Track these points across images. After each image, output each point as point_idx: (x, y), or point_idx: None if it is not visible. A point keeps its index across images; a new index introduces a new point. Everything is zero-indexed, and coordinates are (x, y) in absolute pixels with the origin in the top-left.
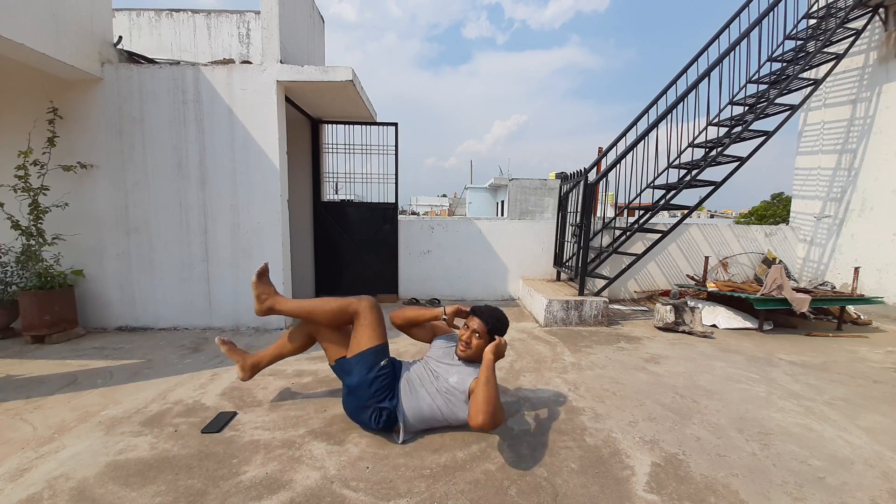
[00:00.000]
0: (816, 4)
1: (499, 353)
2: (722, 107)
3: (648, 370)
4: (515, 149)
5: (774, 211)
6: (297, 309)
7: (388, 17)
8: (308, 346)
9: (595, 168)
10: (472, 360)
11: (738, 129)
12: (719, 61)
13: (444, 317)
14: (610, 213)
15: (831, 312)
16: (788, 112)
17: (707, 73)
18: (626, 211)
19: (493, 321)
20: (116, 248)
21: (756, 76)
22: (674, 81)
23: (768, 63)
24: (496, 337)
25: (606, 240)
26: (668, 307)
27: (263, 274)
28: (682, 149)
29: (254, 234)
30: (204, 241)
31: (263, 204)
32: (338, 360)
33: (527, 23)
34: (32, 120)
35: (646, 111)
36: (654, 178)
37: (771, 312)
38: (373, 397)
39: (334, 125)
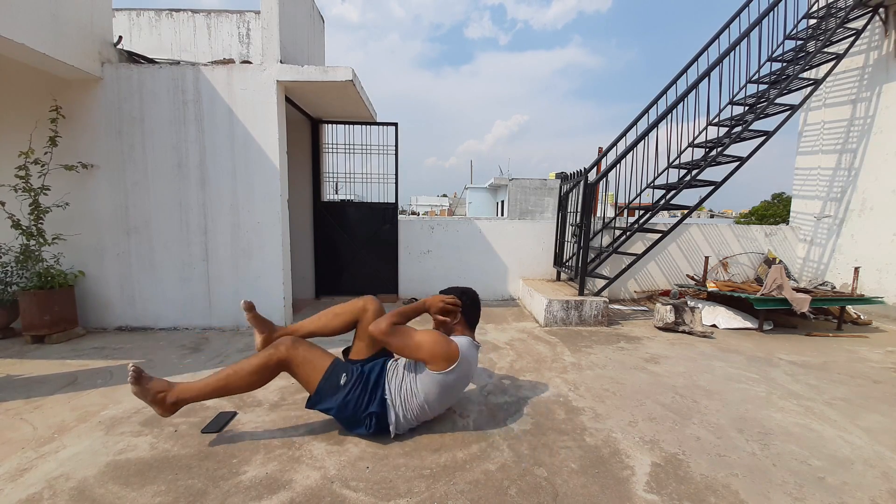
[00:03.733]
0: (816, 4)
1: (434, 302)
2: (722, 107)
3: (648, 370)
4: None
5: (774, 211)
6: (206, 389)
7: (391, 17)
8: (350, 329)
9: (595, 168)
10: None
11: (739, 129)
12: (719, 61)
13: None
14: (610, 213)
15: (831, 312)
16: (788, 112)
17: (707, 73)
18: (626, 211)
19: (448, 290)
20: (116, 247)
21: (756, 76)
22: (674, 81)
23: (768, 63)
24: (448, 297)
25: (606, 240)
26: (668, 307)
27: (139, 377)
28: (682, 149)
29: (254, 234)
30: (204, 240)
31: (263, 204)
32: (308, 402)
33: (529, 23)
34: (32, 120)
35: (646, 111)
36: (654, 178)
37: (771, 312)
38: (356, 410)
39: (334, 125)
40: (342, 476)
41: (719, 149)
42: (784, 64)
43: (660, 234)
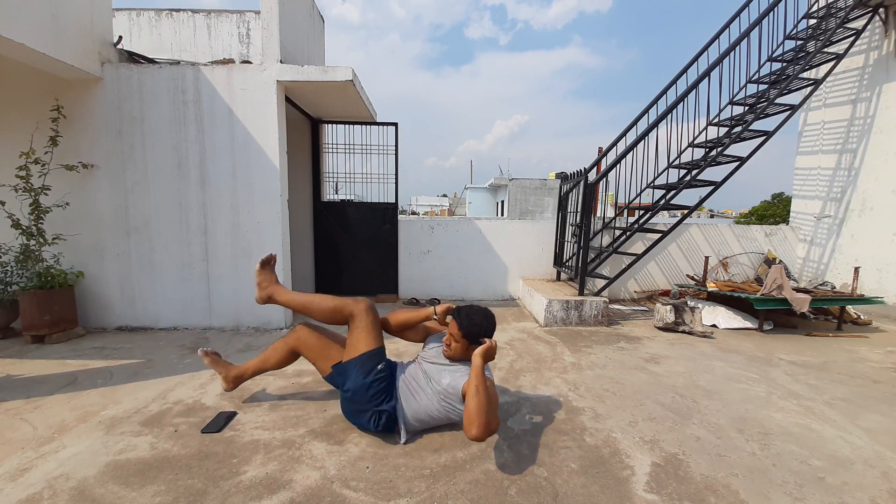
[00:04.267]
0: (816, 4)
1: (488, 357)
2: (722, 107)
3: (648, 370)
4: (516, 149)
5: (774, 211)
6: (294, 300)
7: (392, 17)
8: (290, 362)
9: (595, 168)
10: (459, 360)
11: (739, 129)
12: (719, 61)
13: (434, 316)
14: (610, 213)
15: (831, 312)
16: (788, 112)
17: (707, 73)
18: (626, 211)
19: (468, 325)
20: (116, 247)
21: (756, 76)
22: (674, 81)
23: (768, 63)
24: (484, 340)
25: (606, 240)
26: (668, 307)
27: (267, 263)
28: (682, 149)
29: (254, 234)
30: (204, 240)
31: (263, 204)
32: (334, 366)
33: (529, 23)
34: (32, 120)
35: (646, 111)
36: (654, 178)
37: (771, 312)
38: (371, 401)
39: (334, 125)
40: (342, 476)
41: (719, 149)
42: (784, 64)
43: (660, 234)
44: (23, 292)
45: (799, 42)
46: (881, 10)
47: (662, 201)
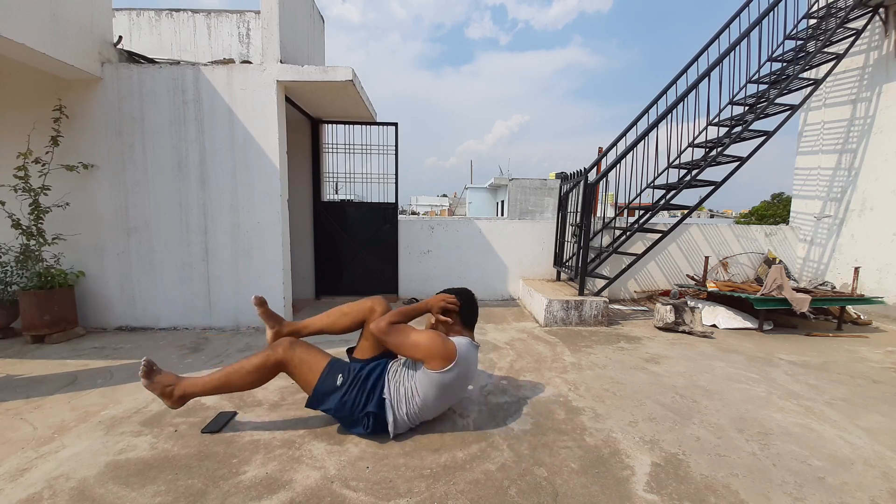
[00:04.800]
0: (816, 4)
1: (435, 302)
2: (722, 107)
3: (648, 370)
4: (516, 149)
5: (774, 211)
6: (209, 386)
7: (392, 18)
8: (357, 329)
9: (595, 168)
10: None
11: (739, 129)
12: (719, 61)
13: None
14: (610, 213)
15: (831, 312)
16: (788, 112)
17: (707, 73)
18: (626, 211)
19: (449, 289)
20: (116, 247)
21: (756, 76)
22: (674, 81)
23: (768, 63)
24: (449, 297)
25: (606, 240)
26: (668, 307)
27: (150, 370)
28: (682, 149)
29: (254, 234)
30: (204, 240)
31: (263, 204)
32: (307, 402)
33: (530, 23)
34: (32, 119)
35: (646, 111)
36: (654, 178)
37: (771, 312)
38: (354, 409)
39: (334, 125)
40: (342, 476)
41: (719, 149)
42: (784, 64)
43: (660, 234)
44: (23, 292)
45: (799, 42)
46: (881, 10)
47: (662, 201)
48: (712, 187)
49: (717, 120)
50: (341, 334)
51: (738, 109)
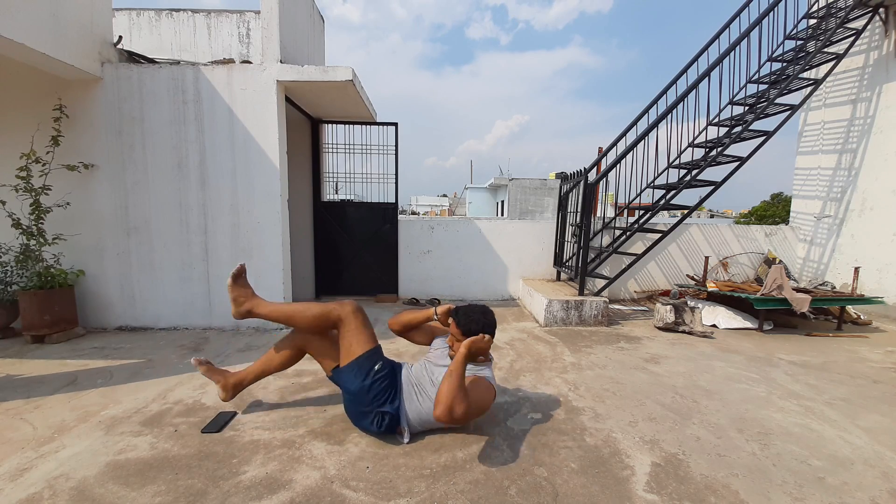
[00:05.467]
0: (816, 4)
1: (473, 348)
2: (722, 107)
3: (648, 370)
4: (516, 149)
5: (774, 211)
6: (276, 313)
7: (393, 18)
8: (296, 360)
9: (595, 168)
10: None
11: (739, 129)
12: (719, 61)
13: (435, 317)
14: (610, 213)
15: (831, 312)
16: (788, 112)
17: (707, 73)
18: (626, 211)
19: (467, 323)
20: (116, 247)
21: (756, 76)
22: (674, 81)
23: (768, 63)
24: (484, 336)
25: (606, 240)
26: (668, 307)
27: (239, 276)
28: (682, 149)
29: (254, 234)
30: (204, 240)
31: (263, 204)
32: (333, 370)
33: (530, 23)
34: (32, 119)
35: (646, 111)
36: (654, 178)
37: (771, 312)
38: (373, 402)
39: (334, 125)
40: (342, 476)
41: (719, 149)
42: (784, 64)
43: (660, 234)
44: (23, 292)
45: (799, 42)
46: (881, 10)
47: (662, 201)
48: (712, 187)
49: (717, 120)
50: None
51: (738, 109)
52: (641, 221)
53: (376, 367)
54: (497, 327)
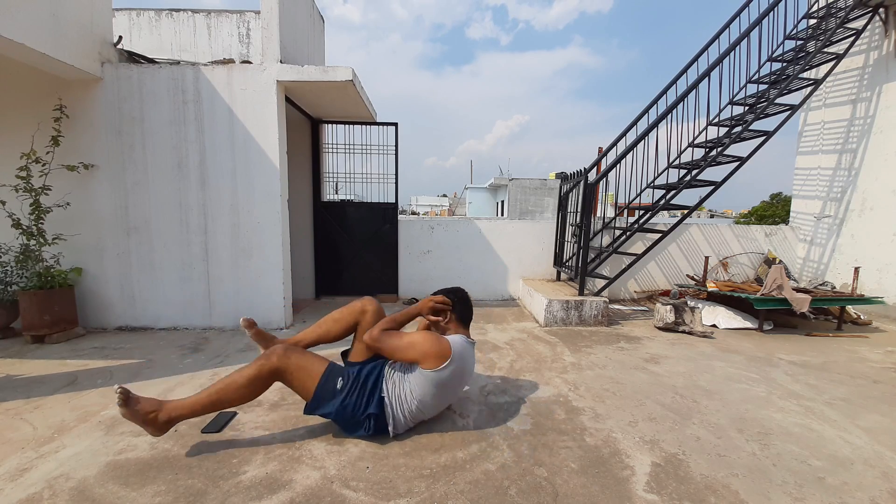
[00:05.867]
0: (816, 4)
1: (424, 304)
2: (722, 107)
3: (648, 370)
4: (516, 149)
5: (774, 211)
6: (199, 404)
7: (393, 18)
8: (350, 333)
9: (595, 168)
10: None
11: (739, 129)
12: (719, 61)
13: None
14: (610, 213)
15: (831, 312)
16: (788, 112)
17: (707, 73)
18: (626, 211)
19: (440, 293)
20: (116, 247)
21: (756, 76)
22: (674, 81)
23: (768, 63)
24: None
25: (606, 240)
26: (668, 307)
27: (127, 400)
28: (682, 149)
29: (254, 234)
30: (204, 240)
31: (263, 204)
32: (305, 409)
33: (531, 23)
34: (32, 119)
35: (646, 111)
36: (654, 178)
37: (771, 312)
38: (355, 413)
39: (334, 125)
40: (342, 476)
41: (719, 149)
42: (784, 64)
43: (660, 234)
44: (23, 292)
45: (799, 42)
46: (881, 10)
47: (662, 201)
48: (712, 187)
49: (717, 120)
50: (337, 341)
51: (738, 109)
52: (641, 221)
53: (339, 386)
54: (497, 327)
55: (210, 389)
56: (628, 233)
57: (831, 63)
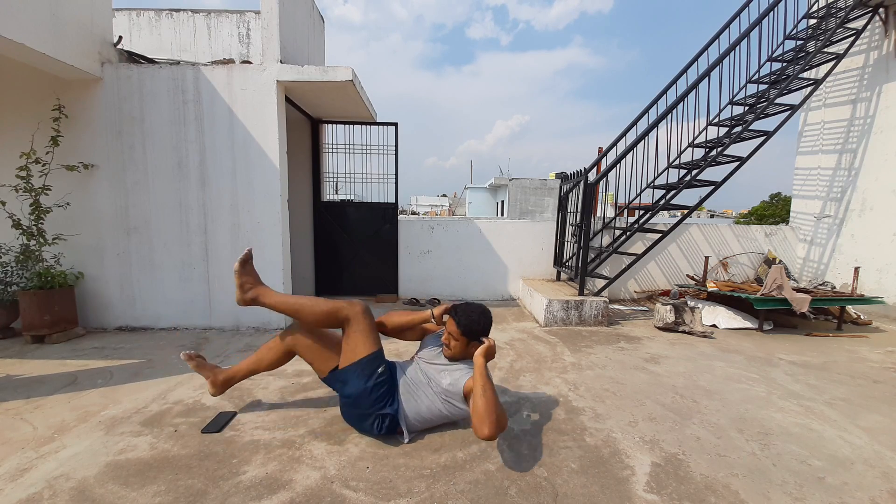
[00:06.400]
0: (816, 4)
1: (489, 356)
2: (722, 107)
3: (648, 370)
4: (516, 149)
5: (774, 211)
6: (283, 304)
7: (393, 18)
8: (287, 360)
9: (595, 168)
10: (459, 358)
11: (739, 129)
12: (719, 61)
13: (432, 319)
14: (610, 213)
15: (831, 312)
16: (788, 112)
17: (707, 73)
18: (626, 211)
19: (466, 322)
20: (116, 247)
21: (756, 76)
22: (674, 81)
23: (768, 63)
24: (483, 339)
25: (606, 240)
26: (668, 307)
27: (247, 261)
28: (682, 149)
29: (254, 234)
30: (204, 240)
31: (263, 204)
32: (331, 372)
33: (531, 23)
34: (32, 120)
35: (646, 111)
36: (654, 178)
37: (771, 312)
38: (374, 405)
39: (334, 125)
40: (342, 476)
41: (719, 149)
42: (784, 64)
43: (660, 234)
44: (23, 292)
45: (799, 42)
46: (881, 10)
47: (662, 201)
48: (712, 187)
49: (717, 120)
50: (269, 370)
51: (738, 109)
52: (641, 221)
53: (379, 370)
54: (497, 327)
55: (296, 298)
56: (628, 233)
57: (831, 63)
